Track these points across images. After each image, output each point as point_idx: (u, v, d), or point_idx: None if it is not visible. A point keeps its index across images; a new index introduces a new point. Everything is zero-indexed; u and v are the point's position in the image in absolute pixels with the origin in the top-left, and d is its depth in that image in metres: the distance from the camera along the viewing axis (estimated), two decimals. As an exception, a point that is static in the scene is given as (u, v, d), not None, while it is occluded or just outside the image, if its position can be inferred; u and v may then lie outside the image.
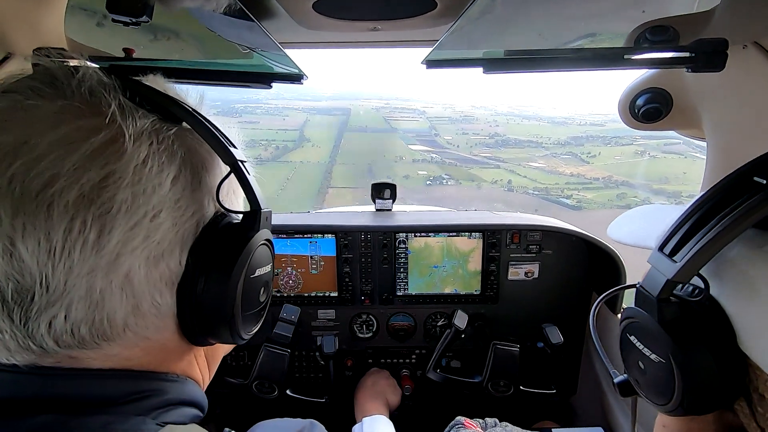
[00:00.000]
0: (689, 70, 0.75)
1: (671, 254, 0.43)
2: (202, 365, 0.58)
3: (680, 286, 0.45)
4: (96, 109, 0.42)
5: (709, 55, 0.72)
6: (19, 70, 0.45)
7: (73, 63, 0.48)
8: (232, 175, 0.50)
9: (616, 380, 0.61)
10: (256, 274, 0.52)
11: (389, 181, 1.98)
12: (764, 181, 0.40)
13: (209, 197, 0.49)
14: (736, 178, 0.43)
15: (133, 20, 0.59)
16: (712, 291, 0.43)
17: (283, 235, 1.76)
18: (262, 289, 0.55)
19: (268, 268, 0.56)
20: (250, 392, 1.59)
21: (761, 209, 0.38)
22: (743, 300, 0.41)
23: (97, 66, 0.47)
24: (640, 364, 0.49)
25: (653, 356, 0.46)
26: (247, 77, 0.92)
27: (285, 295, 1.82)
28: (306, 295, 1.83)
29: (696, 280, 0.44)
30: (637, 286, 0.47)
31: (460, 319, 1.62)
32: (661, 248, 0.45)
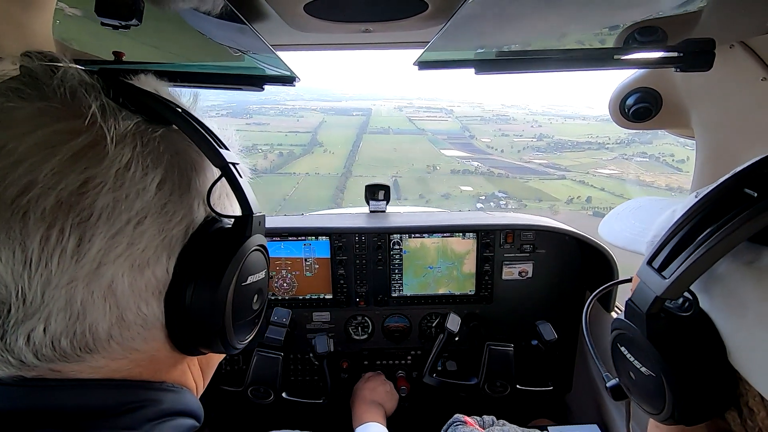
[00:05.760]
0: (678, 70, 0.76)
1: (660, 269, 0.42)
2: (196, 374, 0.56)
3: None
4: (76, 111, 0.40)
5: (696, 55, 0.73)
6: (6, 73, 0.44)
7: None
8: (225, 179, 0.48)
9: (608, 384, 0.61)
10: (248, 282, 0.50)
11: (385, 182, 1.98)
12: (755, 194, 0.38)
13: (199, 201, 0.47)
14: (727, 188, 0.41)
15: (122, 23, 0.59)
16: (703, 305, 0.43)
17: (276, 238, 1.75)
18: (255, 296, 0.53)
19: (261, 275, 0.53)
20: (246, 399, 1.58)
21: (753, 224, 0.37)
22: (733, 317, 0.41)
23: (81, 66, 0.45)
24: (631, 374, 0.49)
25: (643, 369, 0.46)
26: (239, 80, 0.91)
27: (279, 298, 1.81)
28: (301, 297, 1.82)
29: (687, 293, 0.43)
30: (627, 300, 0.47)
31: (453, 322, 1.62)
32: (650, 262, 0.44)
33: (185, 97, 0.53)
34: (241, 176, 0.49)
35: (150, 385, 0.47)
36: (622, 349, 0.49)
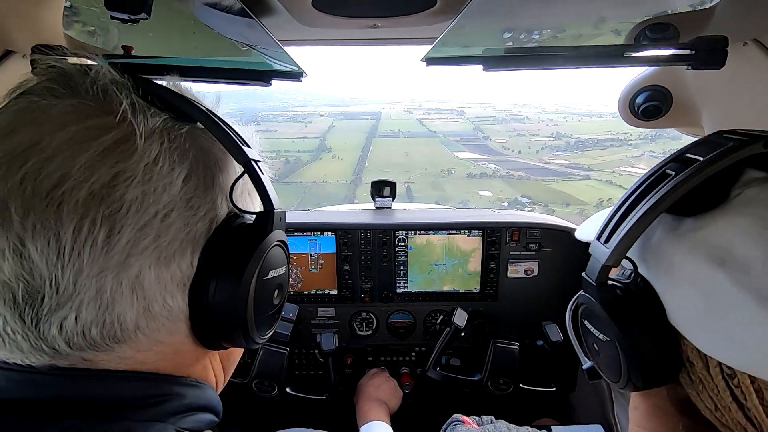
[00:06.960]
0: (689, 68, 0.75)
1: (605, 241, 0.48)
2: (217, 370, 0.57)
3: (621, 271, 0.52)
4: (107, 108, 0.42)
5: (709, 53, 0.72)
6: (19, 68, 0.45)
7: (72, 60, 0.48)
8: (247, 175, 0.49)
9: (584, 366, 0.66)
10: (269, 276, 0.51)
11: (390, 179, 1.98)
12: (673, 173, 0.45)
13: (222, 197, 0.48)
14: (655, 170, 0.49)
15: (132, 17, 0.58)
16: (642, 272, 0.49)
17: None
18: (276, 291, 0.54)
19: (282, 270, 0.55)
20: (250, 391, 1.60)
21: (667, 197, 0.44)
22: (664, 277, 0.47)
23: (108, 63, 0.46)
24: (595, 345, 0.53)
25: (601, 336, 0.50)
26: (247, 75, 0.91)
27: (285, 292, 1.82)
28: (306, 293, 1.83)
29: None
30: (582, 273, 0.52)
31: (460, 318, 1.62)
32: (598, 237, 0.50)
33: (208, 98, 0.55)
34: (262, 173, 0.50)
35: (174, 379, 0.48)
36: (585, 322, 0.54)
